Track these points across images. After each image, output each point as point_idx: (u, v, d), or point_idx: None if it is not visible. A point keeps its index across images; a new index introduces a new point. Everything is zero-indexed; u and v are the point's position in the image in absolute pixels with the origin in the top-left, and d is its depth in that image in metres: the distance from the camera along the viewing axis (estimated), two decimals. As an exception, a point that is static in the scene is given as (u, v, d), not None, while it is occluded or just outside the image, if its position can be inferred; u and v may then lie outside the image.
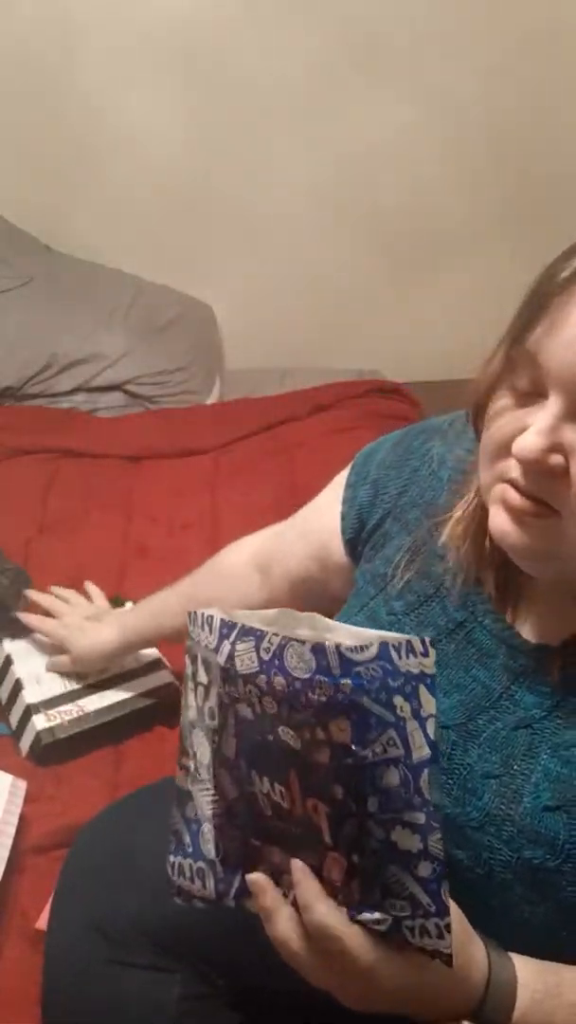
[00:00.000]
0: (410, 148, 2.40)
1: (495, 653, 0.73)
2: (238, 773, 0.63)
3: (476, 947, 0.64)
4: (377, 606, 0.81)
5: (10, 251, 2.31)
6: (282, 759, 0.59)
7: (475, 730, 0.71)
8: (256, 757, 0.61)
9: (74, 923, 0.92)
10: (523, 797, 0.67)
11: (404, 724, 0.55)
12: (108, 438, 2.04)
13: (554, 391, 0.59)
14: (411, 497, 0.83)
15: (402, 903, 0.58)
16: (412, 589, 0.79)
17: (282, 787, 0.60)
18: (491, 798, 0.68)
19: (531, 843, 0.66)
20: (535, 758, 0.68)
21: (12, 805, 1.12)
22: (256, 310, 2.59)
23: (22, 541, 1.67)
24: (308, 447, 2.01)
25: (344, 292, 2.60)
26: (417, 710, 0.55)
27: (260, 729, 0.60)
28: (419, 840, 0.56)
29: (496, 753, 0.70)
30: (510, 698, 0.71)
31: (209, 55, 2.25)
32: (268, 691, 0.59)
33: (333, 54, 2.26)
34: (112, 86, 2.28)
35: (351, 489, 0.91)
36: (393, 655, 0.55)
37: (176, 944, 0.89)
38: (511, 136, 2.38)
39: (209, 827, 0.65)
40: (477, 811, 0.69)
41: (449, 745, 0.71)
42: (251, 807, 0.63)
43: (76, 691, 1.30)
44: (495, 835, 0.68)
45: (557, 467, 0.59)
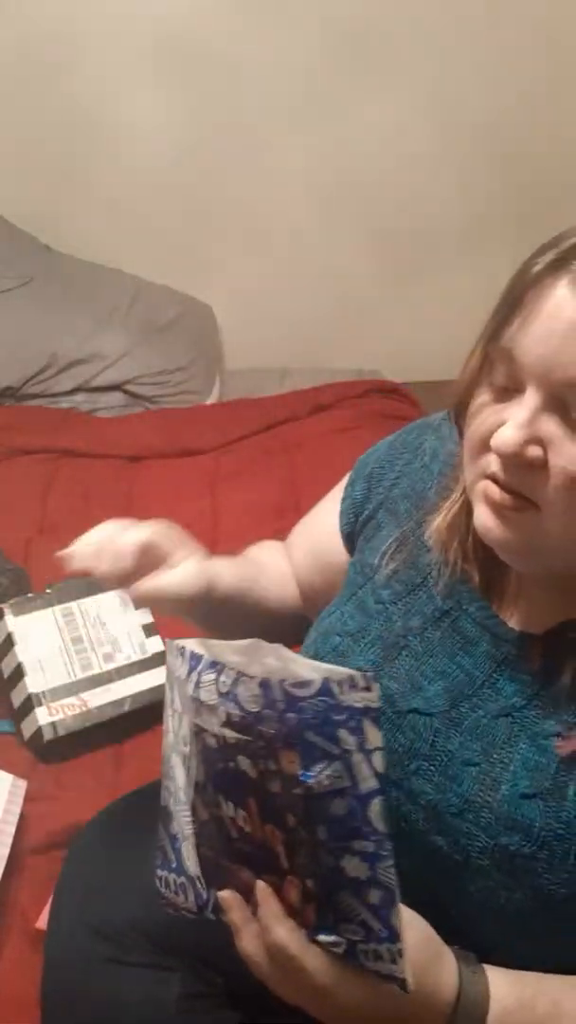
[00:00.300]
0: (410, 148, 2.40)
1: (479, 641, 0.73)
2: (207, 797, 0.65)
3: (445, 963, 0.64)
4: (365, 595, 0.82)
5: (10, 251, 2.31)
6: (242, 786, 0.61)
7: (458, 717, 0.72)
8: (221, 783, 0.64)
9: (74, 923, 0.92)
10: (501, 785, 0.68)
11: (350, 757, 0.57)
12: (108, 438, 2.04)
13: (530, 384, 0.60)
14: (402, 489, 0.85)
15: (355, 927, 0.60)
16: (399, 578, 0.80)
17: (244, 812, 0.62)
18: (471, 785, 0.69)
19: (508, 830, 0.67)
20: (514, 746, 0.69)
21: (12, 805, 1.12)
22: (256, 310, 2.59)
23: (22, 541, 1.67)
24: (308, 447, 2.01)
25: (344, 292, 2.60)
26: (362, 743, 0.57)
27: (223, 757, 0.62)
28: (368, 868, 0.58)
29: (477, 741, 0.71)
30: (492, 686, 0.72)
31: (209, 55, 2.25)
32: (227, 722, 0.61)
33: (333, 54, 2.26)
34: (112, 86, 2.28)
35: (349, 488, 0.92)
36: (335, 690, 0.56)
37: (175, 944, 0.89)
38: (511, 136, 2.38)
39: (189, 845, 0.68)
40: (457, 797, 0.69)
41: (432, 732, 0.72)
42: (220, 829, 0.65)
43: (79, 681, 1.29)
44: (473, 822, 0.68)
45: (536, 459, 0.60)
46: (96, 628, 1.36)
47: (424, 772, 0.72)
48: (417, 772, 0.72)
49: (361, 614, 0.81)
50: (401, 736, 0.74)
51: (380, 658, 0.78)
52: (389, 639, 0.78)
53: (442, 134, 2.39)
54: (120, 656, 1.34)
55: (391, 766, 0.73)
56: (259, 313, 2.60)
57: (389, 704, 0.75)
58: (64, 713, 1.26)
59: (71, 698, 1.27)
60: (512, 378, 0.62)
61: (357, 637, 0.80)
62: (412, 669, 0.75)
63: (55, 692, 1.28)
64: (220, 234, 2.49)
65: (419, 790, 0.72)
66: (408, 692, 0.75)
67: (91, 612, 1.38)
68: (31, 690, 1.27)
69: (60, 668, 1.30)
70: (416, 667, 0.75)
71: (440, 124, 2.38)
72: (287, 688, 0.57)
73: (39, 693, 1.27)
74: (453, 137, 2.39)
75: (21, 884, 1.11)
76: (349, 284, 2.59)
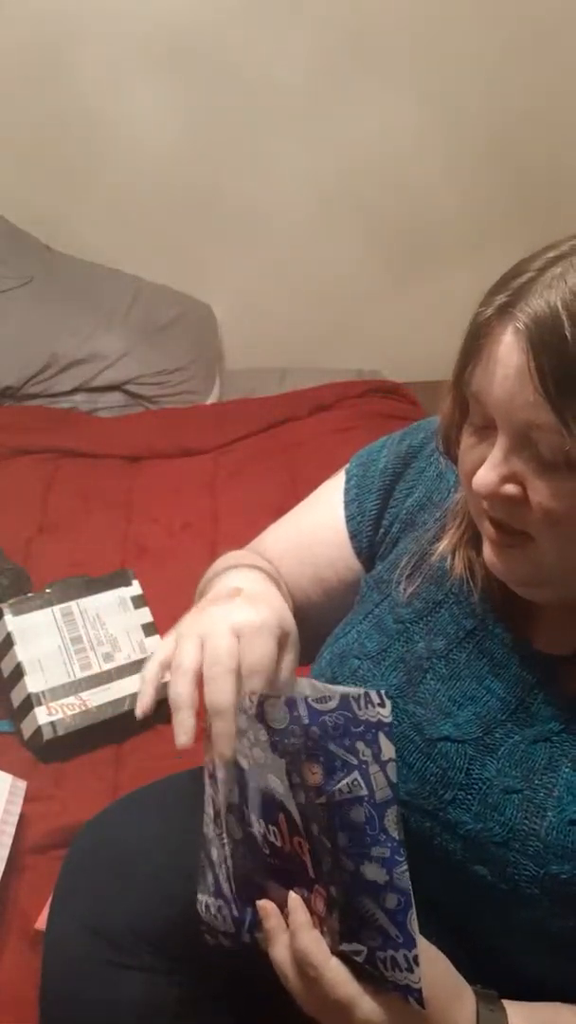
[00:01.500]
0: (410, 148, 2.40)
1: (507, 663, 0.72)
2: (241, 816, 0.69)
3: (464, 1002, 0.65)
4: (383, 613, 0.80)
5: (10, 251, 2.30)
6: (272, 802, 0.66)
7: (492, 744, 0.70)
8: (254, 802, 0.67)
9: (73, 923, 0.92)
10: (547, 811, 0.67)
11: (367, 767, 0.60)
12: (108, 438, 2.04)
13: (499, 426, 0.61)
14: (417, 498, 0.83)
15: (374, 933, 0.63)
16: (420, 596, 0.78)
17: (276, 828, 0.66)
18: (514, 813, 0.68)
19: (558, 858, 0.66)
20: (556, 771, 0.68)
21: (12, 805, 1.12)
22: (256, 310, 2.59)
23: (22, 541, 1.67)
24: (308, 447, 2.01)
25: (344, 292, 2.60)
26: (377, 754, 0.60)
27: (254, 776, 0.66)
28: (385, 872, 0.61)
29: (516, 768, 0.69)
30: (526, 710, 0.70)
31: (209, 55, 2.25)
32: (255, 742, 0.65)
33: (333, 54, 2.26)
34: (112, 86, 2.28)
35: (356, 503, 0.89)
36: (353, 706, 0.60)
37: (175, 945, 0.89)
38: (511, 136, 2.38)
39: (225, 867, 0.71)
40: (500, 827, 0.68)
41: (467, 760, 0.70)
42: (252, 848, 0.69)
43: (79, 681, 1.29)
44: (520, 851, 0.67)
45: (515, 496, 0.62)
46: (96, 627, 1.36)
47: (461, 801, 0.70)
48: (454, 802, 0.70)
49: (380, 634, 0.79)
50: (433, 765, 0.72)
51: (403, 682, 0.75)
52: (412, 661, 0.76)
53: (442, 134, 2.39)
54: (120, 655, 1.35)
55: (424, 796, 0.71)
56: (259, 313, 2.60)
57: (417, 731, 0.73)
58: (64, 713, 1.26)
59: (71, 698, 1.27)
60: (486, 418, 0.63)
61: (377, 660, 0.78)
62: (439, 694, 0.73)
63: (55, 692, 1.28)
64: (220, 234, 2.49)
65: (456, 820, 0.70)
66: (437, 718, 0.73)
67: (91, 612, 1.38)
68: (31, 690, 1.26)
69: (60, 668, 1.30)
70: (443, 691, 0.73)
71: (440, 124, 2.37)
72: (310, 703, 0.61)
73: (39, 693, 1.27)
74: (454, 137, 2.39)
75: (21, 884, 1.11)
76: (349, 284, 2.59)
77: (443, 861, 0.71)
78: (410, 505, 0.83)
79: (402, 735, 0.73)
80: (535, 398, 0.57)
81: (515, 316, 0.58)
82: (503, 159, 2.42)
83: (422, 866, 0.72)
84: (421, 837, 0.71)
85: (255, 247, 2.51)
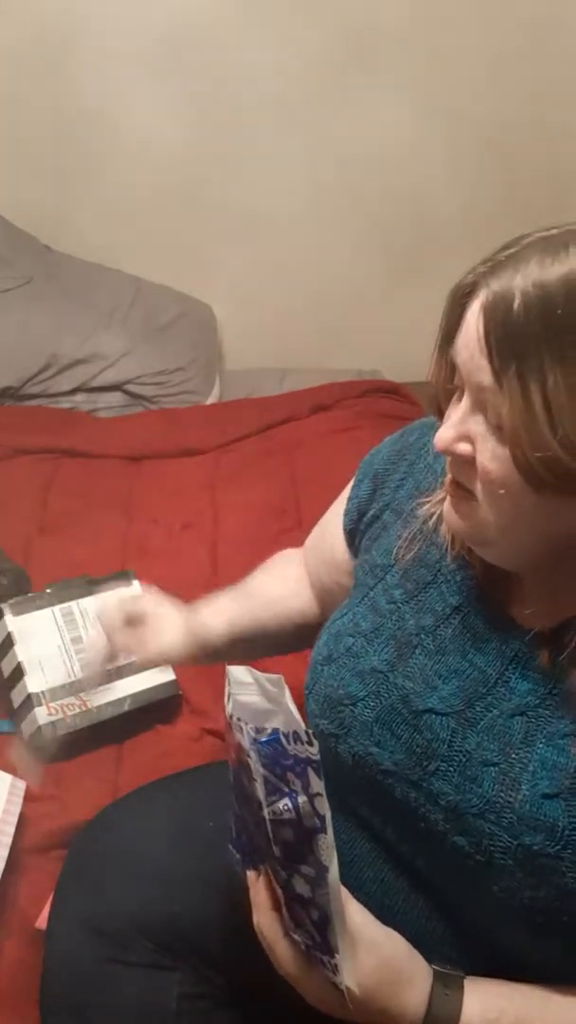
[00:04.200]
0: (410, 148, 2.40)
1: (489, 638, 0.74)
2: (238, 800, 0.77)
3: (414, 984, 0.69)
4: (377, 595, 0.83)
5: (10, 251, 2.31)
6: (250, 801, 0.71)
7: (473, 717, 0.72)
8: (240, 795, 0.74)
9: (74, 922, 0.92)
10: (522, 785, 0.68)
11: (296, 796, 0.65)
12: (108, 438, 2.04)
13: (465, 387, 0.66)
14: (408, 489, 0.86)
15: (305, 935, 0.69)
16: (410, 577, 0.81)
17: (254, 820, 0.72)
18: (491, 785, 0.69)
19: (531, 830, 0.67)
20: (531, 746, 0.69)
21: (12, 805, 1.12)
22: (256, 310, 2.59)
23: (22, 541, 1.67)
24: (308, 447, 2.01)
25: (344, 292, 2.60)
26: (306, 786, 0.65)
27: (242, 773, 0.72)
28: (310, 890, 0.66)
29: (495, 741, 0.71)
30: (505, 684, 0.72)
31: (209, 55, 2.25)
32: (239, 747, 0.72)
33: (332, 54, 2.26)
34: (112, 87, 2.28)
35: (354, 489, 0.94)
36: (283, 740, 0.65)
37: (175, 943, 0.89)
38: (510, 136, 2.39)
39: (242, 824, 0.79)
40: (477, 798, 0.70)
41: (449, 732, 0.73)
42: (247, 825, 0.76)
43: (79, 681, 1.29)
44: (495, 822, 0.68)
45: (466, 455, 0.66)
46: (96, 627, 1.36)
47: (443, 773, 0.72)
48: (436, 773, 0.72)
49: (374, 614, 0.82)
50: (419, 736, 0.74)
51: (394, 657, 0.78)
52: (402, 638, 0.78)
53: (443, 134, 2.39)
54: (120, 656, 1.34)
55: (410, 767, 0.74)
56: (259, 313, 2.60)
57: (404, 704, 0.75)
58: (64, 713, 1.26)
59: (71, 698, 1.27)
60: (460, 379, 0.67)
61: (370, 637, 0.80)
62: (426, 668, 0.76)
63: (55, 692, 1.27)
64: (220, 234, 2.49)
65: (439, 791, 0.72)
66: (423, 691, 0.75)
67: (91, 612, 1.38)
68: (31, 690, 1.26)
69: (60, 668, 1.30)
70: (430, 666, 0.76)
71: (441, 124, 2.38)
72: (249, 731, 0.68)
73: (39, 693, 1.27)
74: (454, 137, 2.39)
75: (21, 884, 1.11)
76: (349, 284, 2.59)
77: (426, 832, 0.73)
78: (401, 496, 0.87)
79: (391, 707, 0.76)
80: (483, 363, 0.62)
81: (484, 287, 0.63)
82: (502, 159, 2.42)
83: (408, 837, 0.75)
84: (407, 807, 0.74)
85: (255, 247, 2.51)
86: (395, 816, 0.76)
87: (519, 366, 0.60)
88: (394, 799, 0.75)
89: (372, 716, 0.77)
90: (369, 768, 0.76)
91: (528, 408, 0.60)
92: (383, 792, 0.75)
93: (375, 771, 0.76)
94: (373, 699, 0.77)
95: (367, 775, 0.76)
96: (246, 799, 0.72)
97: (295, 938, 0.70)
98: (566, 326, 0.59)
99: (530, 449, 0.60)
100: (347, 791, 0.79)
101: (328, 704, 0.80)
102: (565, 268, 0.60)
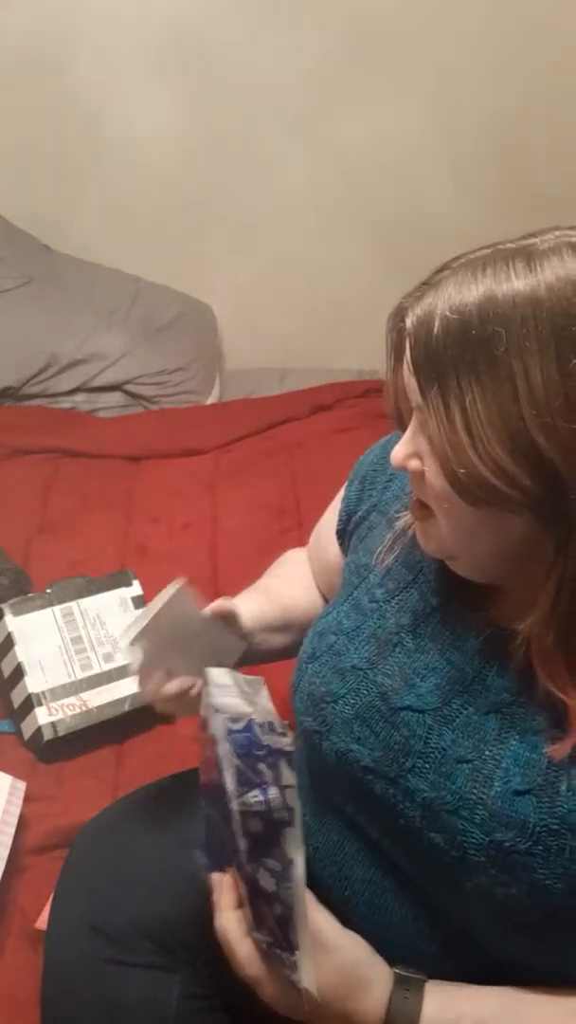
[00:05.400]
0: (410, 148, 2.40)
1: (466, 637, 0.75)
2: (208, 800, 0.78)
3: (373, 989, 0.70)
4: (360, 594, 0.84)
5: (10, 251, 2.31)
6: (221, 795, 0.72)
7: (450, 715, 0.73)
8: (210, 791, 0.75)
9: (74, 923, 0.92)
10: (494, 781, 0.69)
11: (267, 787, 0.66)
12: (108, 438, 2.04)
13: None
14: (394, 491, 0.88)
15: (267, 932, 0.69)
16: (393, 576, 0.82)
17: (222, 816, 0.73)
18: (464, 782, 0.70)
19: (502, 826, 0.68)
20: (505, 743, 0.70)
21: (12, 805, 1.12)
22: (256, 310, 2.59)
23: (22, 541, 1.67)
24: (308, 447, 2.01)
25: (344, 292, 2.60)
26: (278, 778, 0.66)
27: (213, 767, 0.73)
28: (274, 884, 0.67)
29: (469, 738, 0.72)
30: (481, 682, 0.73)
31: (209, 55, 2.25)
32: (212, 740, 0.73)
33: (332, 54, 2.26)
34: (112, 86, 2.28)
35: (346, 490, 0.96)
36: (257, 730, 0.67)
37: (175, 944, 0.90)
38: (511, 136, 2.38)
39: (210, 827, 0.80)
40: (451, 795, 0.70)
41: (425, 729, 0.74)
42: (215, 828, 0.77)
43: (79, 681, 1.30)
44: (468, 819, 0.69)
45: (417, 471, 0.69)
46: (96, 628, 1.37)
47: (419, 770, 0.73)
48: (413, 770, 0.73)
49: (356, 613, 0.83)
50: (396, 733, 0.75)
51: (374, 655, 0.79)
52: (383, 636, 0.80)
53: (443, 135, 2.39)
54: (120, 656, 1.35)
55: (387, 764, 0.75)
56: (259, 313, 2.60)
57: (383, 701, 0.76)
58: (64, 713, 1.26)
59: (71, 698, 1.27)
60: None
61: (352, 635, 0.82)
62: (405, 666, 0.77)
63: (55, 692, 1.28)
64: (220, 234, 2.49)
65: (415, 788, 0.72)
66: (402, 689, 0.76)
67: (91, 612, 1.38)
68: (31, 690, 1.27)
69: (60, 668, 1.30)
70: (409, 664, 0.77)
71: (441, 125, 2.37)
72: (225, 720, 0.69)
73: (39, 693, 1.27)
74: (454, 138, 2.39)
75: (21, 884, 1.11)
76: (349, 284, 2.59)
77: (406, 829, 0.73)
78: (388, 497, 0.89)
79: (370, 704, 0.77)
80: (413, 383, 0.66)
81: (410, 312, 0.66)
82: (503, 160, 2.42)
83: (389, 835, 0.75)
84: (386, 805, 0.75)
85: (255, 247, 2.51)
86: (377, 814, 0.76)
87: (441, 386, 0.63)
88: (375, 796, 0.75)
89: (352, 713, 0.78)
90: (350, 765, 0.77)
91: (451, 426, 0.62)
92: (365, 789, 0.76)
93: (356, 768, 0.76)
94: (353, 696, 0.78)
95: (349, 772, 0.77)
96: (216, 796, 0.72)
97: (256, 936, 0.71)
98: (481, 346, 0.61)
99: (457, 465, 0.62)
100: (333, 789, 0.80)
101: (311, 701, 0.81)
102: (481, 289, 0.62)
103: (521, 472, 0.60)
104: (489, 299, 0.61)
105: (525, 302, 0.60)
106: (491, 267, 0.62)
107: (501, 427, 0.60)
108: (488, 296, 0.61)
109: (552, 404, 0.59)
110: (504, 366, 0.60)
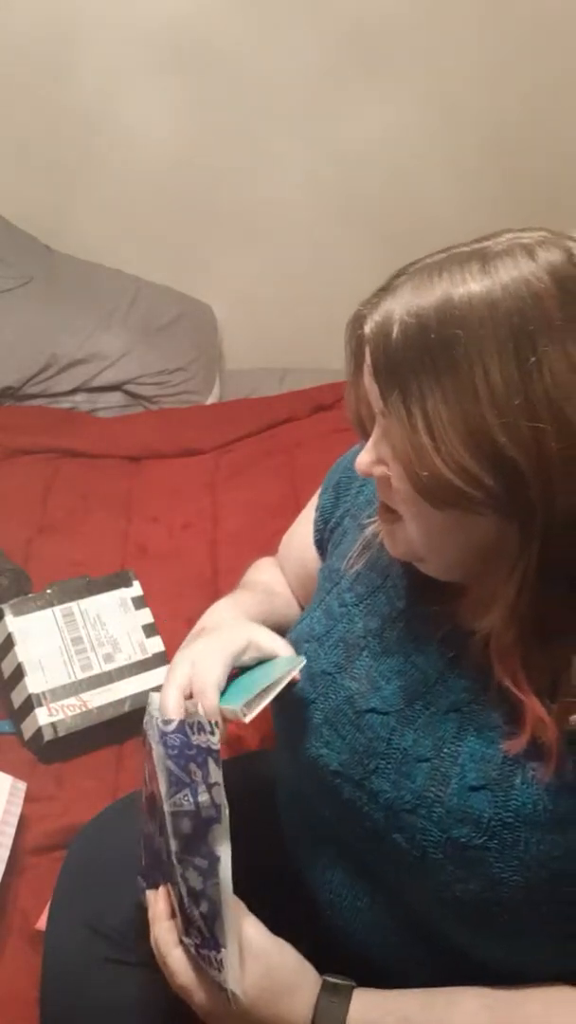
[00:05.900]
0: (410, 148, 2.40)
1: (430, 639, 0.76)
2: (144, 816, 0.81)
3: (298, 994, 0.70)
4: (331, 600, 0.85)
5: (10, 251, 2.31)
6: (155, 805, 0.74)
7: (412, 715, 0.74)
8: (148, 805, 0.77)
9: (73, 923, 0.92)
10: (451, 779, 0.70)
11: (196, 787, 0.68)
12: (108, 438, 2.04)
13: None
14: (367, 495, 0.89)
15: (196, 932, 0.71)
16: (362, 581, 0.83)
17: (157, 828, 0.75)
18: (423, 781, 0.71)
19: (459, 822, 0.69)
20: (462, 741, 0.71)
21: (12, 806, 1.12)
22: (256, 310, 2.59)
23: (22, 541, 1.67)
24: (308, 447, 2.01)
25: (344, 292, 2.59)
26: (206, 777, 0.67)
27: (149, 780, 0.75)
28: (202, 881, 0.69)
29: (429, 737, 0.72)
30: (444, 683, 0.74)
31: (209, 55, 2.25)
32: (148, 752, 0.75)
33: (332, 54, 2.26)
34: (112, 86, 2.28)
35: (320, 499, 0.98)
36: (188, 731, 0.69)
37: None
38: (510, 136, 2.38)
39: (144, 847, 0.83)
40: (411, 794, 0.71)
41: (389, 731, 0.74)
42: (152, 844, 0.79)
43: (79, 682, 1.30)
44: (426, 817, 0.70)
45: (382, 476, 0.69)
46: (96, 628, 1.37)
47: (382, 771, 0.73)
48: (376, 771, 0.74)
49: (327, 618, 0.84)
50: (361, 736, 0.76)
51: (342, 659, 0.80)
52: (351, 640, 0.81)
53: (443, 135, 2.39)
54: (120, 656, 1.35)
55: (353, 767, 0.75)
56: (259, 313, 2.60)
57: (349, 704, 0.77)
58: (64, 713, 1.26)
59: (71, 698, 1.27)
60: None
61: (322, 640, 0.83)
62: (371, 669, 0.78)
63: (55, 692, 1.28)
64: (220, 234, 2.49)
65: (379, 789, 0.73)
66: (368, 692, 0.77)
67: (91, 612, 1.38)
68: (31, 690, 1.27)
69: (60, 668, 1.30)
70: (375, 667, 0.77)
71: (441, 126, 2.37)
72: (158, 724, 0.71)
73: (39, 693, 1.27)
74: (454, 139, 2.39)
75: (21, 884, 1.11)
76: (349, 284, 2.58)
77: (372, 831, 0.74)
78: (361, 502, 0.90)
79: (337, 708, 0.78)
80: (375, 388, 0.66)
81: (368, 318, 0.67)
82: (502, 161, 2.42)
83: (360, 837, 0.76)
84: (352, 808, 0.75)
85: (255, 247, 2.51)
86: (347, 817, 0.77)
87: (402, 390, 0.63)
88: (343, 800, 0.76)
89: (321, 718, 0.79)
90: (321, 770, 0.78)
91: (413, 429, 0.63)
92: (335, 794, 0.77)
93: (326, 772, 0.77)
94: (322, 701, 0.79)
95: (320, 777, 0.78)
96: (153, 807, 0.74)
97: (186, 942, 0.72)
98: (441, 349, 0.61)
99: (420, 468, 0.63)
100: (311, 795, 0.81)
101: (286, 709, 0.82)
102: (438, 292, 0.62)
103: (484, 472, 0.61)
104: (446, 302, 0.61)
105: (482, 303, 0.61)
106: (447, 271, 0.63)
107: (463, 428, 0.60)
108: (445, 299, 0.62)
109: (512, 403, 0.59)
110: (464, 367, 0.60)
